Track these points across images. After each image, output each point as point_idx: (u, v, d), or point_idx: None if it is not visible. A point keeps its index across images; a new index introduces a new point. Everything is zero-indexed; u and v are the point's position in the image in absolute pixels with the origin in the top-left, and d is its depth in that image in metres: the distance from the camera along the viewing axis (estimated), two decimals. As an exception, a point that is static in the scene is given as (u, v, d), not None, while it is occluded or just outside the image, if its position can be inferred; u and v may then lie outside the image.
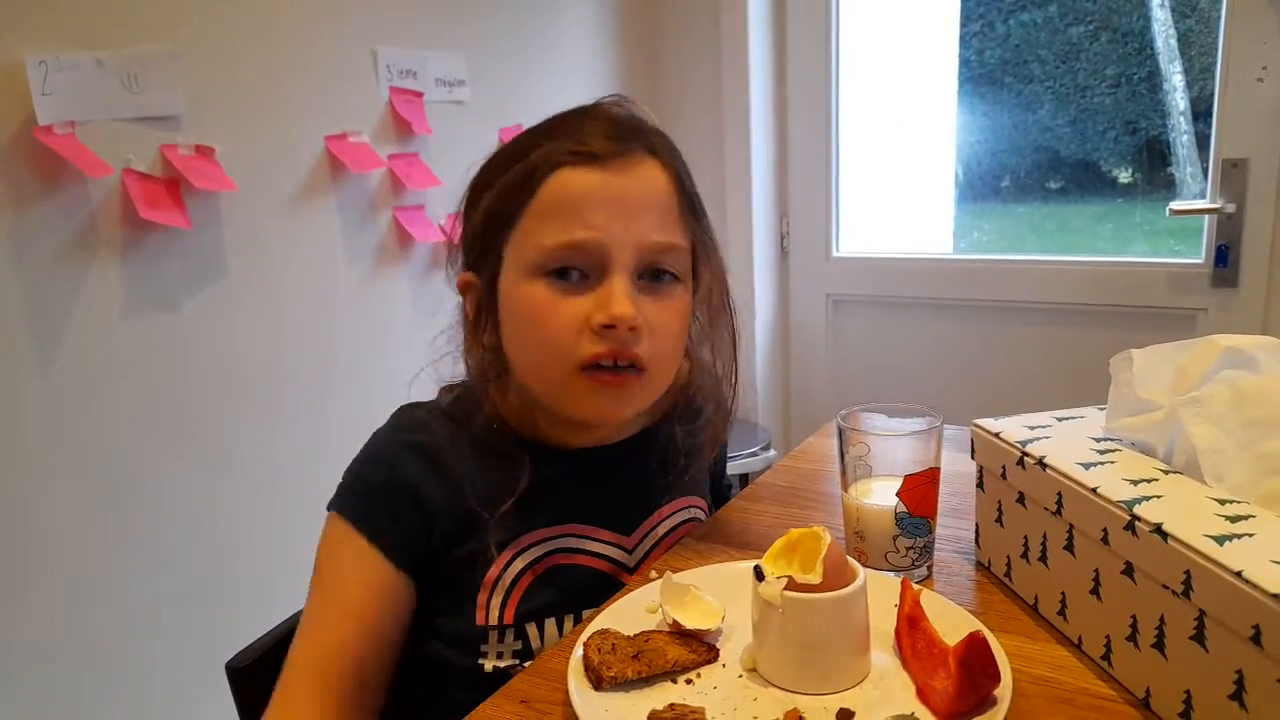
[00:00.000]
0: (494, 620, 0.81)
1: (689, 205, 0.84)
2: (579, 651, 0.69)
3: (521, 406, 0.86)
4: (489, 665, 0.81)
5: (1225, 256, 1.97)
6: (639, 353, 0.79)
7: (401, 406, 0.89)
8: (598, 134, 0.79)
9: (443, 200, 1.79)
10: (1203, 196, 2.01)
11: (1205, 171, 2.02)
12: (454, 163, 1.87)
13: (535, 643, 0.82)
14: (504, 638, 0.81)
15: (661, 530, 0.93)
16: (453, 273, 0.89)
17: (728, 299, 0.91)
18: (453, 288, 0.89)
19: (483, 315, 0.84)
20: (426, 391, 0.90)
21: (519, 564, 0.83)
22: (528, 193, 0.78)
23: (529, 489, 0.82)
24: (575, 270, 0.78)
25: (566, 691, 0.65)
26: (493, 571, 0.82)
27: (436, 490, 0.81)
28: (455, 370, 0.89)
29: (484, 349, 0.85)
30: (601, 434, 0.89)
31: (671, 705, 0.63)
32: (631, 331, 0.77)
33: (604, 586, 0.86)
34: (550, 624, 0.83)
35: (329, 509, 0.82)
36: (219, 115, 1.43)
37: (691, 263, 0.85)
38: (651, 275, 0.81)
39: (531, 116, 0.85)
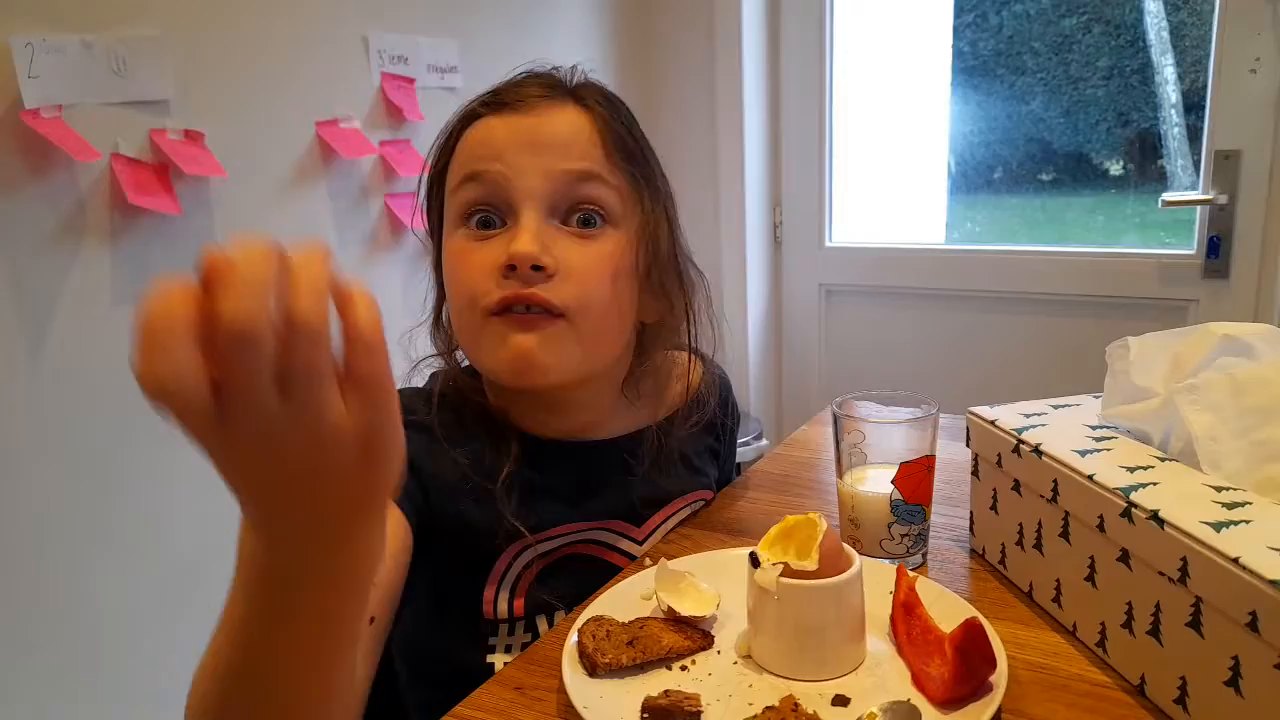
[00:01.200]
0: (503, 613, 0.80)
1: (618, 143, 0.79)
2: (573, 638, 0.69)
3: (492, 390, 0.84)
4: (499, 662, 0.79)
5: (1217, 248, 1.97)
6: (548, 296, 0.74)
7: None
8: (516, 85, 0.80)
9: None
10: (1194, 189, 2.02)
11: (1196, 164, 2.02)
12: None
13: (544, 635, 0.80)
14: (514, 630, 0.80)
15: (672, 523, 0.92)
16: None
17: (676, 243, 0.84)
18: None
19: (436, 285, 0.85)
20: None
21: (527, 555, 0.80)
22: (449, 149, 0.80)
23: (529, 482, 0.80)
24: (485, 212, 0.76)
25: (561, 678, 0.65)
26: (500, 564, 0.80)
27: (437, 467, 0.77)
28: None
29: (438, 317, 0.86)
30: (585, 426, 0.86)
31: (666, 692, 0.63)
32: (539, 271, 0.73)
33: (613, 577, 0.84)
34: (560, 617, 0.81)
35: None
36: (208, 100, 1.41)
37: (629, 205, 0.80)
38: (580, 221, 0.77)
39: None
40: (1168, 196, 2.02)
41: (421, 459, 0.77)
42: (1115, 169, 2.35)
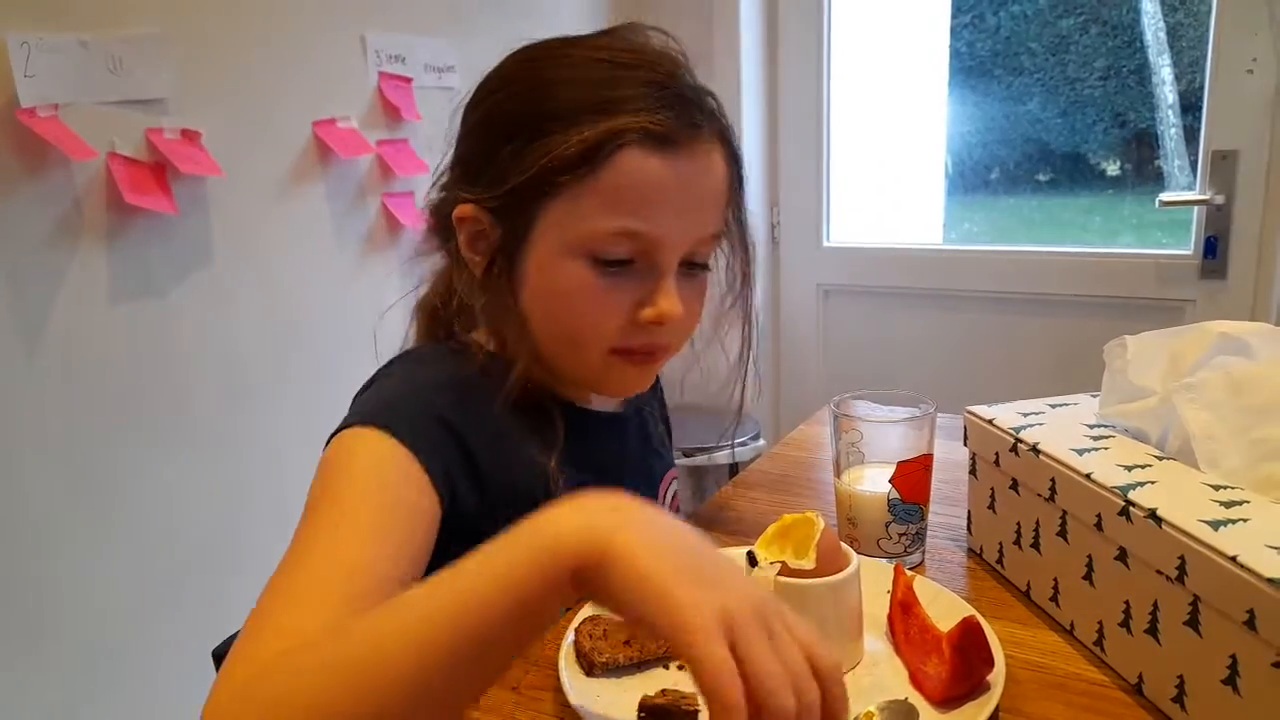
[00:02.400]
0: None
1: (738, 186, 0.82)
2: (570, 637, 0.69)
3: (535, 363, 0.81)
4: None
5: (1214, 248, 1.97)
6: (669, 341, 0.79)
7: (411, 352, 0.85)
8: (663, 106, 0.72)
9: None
10: (1190, 189, 2.02)
11: (1193, 164, 2.02)
12: (443, 149, 1.86)
13: None
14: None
15: (666, 500, 0.94)
16: (435, 197, 0.83)
17: (751, 278, 0.89)
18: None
19: (496, 268, 0.77)
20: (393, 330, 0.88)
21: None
22: (590, 167, 0.71)
23: (573, 454, 0.78)
24: (625, 256, 0.74)
25: (558, 678, 0.65)
26: None
27: (478, 440, 0.74)
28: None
29: (500, 296, 0.78)
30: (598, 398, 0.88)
31: (664, 691, 0.63)
32: (672, 324, 0.77)
33: None
34: None
35: (354, 424, 0.71)
36: (205, 99, 1.41)
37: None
38: (688, 264, 0.78)
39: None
40: (1165, 197, 2.03)
41: (466, 428, 0.74)
42: (1112, 169, 2.35)
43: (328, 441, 0.72)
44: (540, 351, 0.79)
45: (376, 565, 0.61)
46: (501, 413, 0.76)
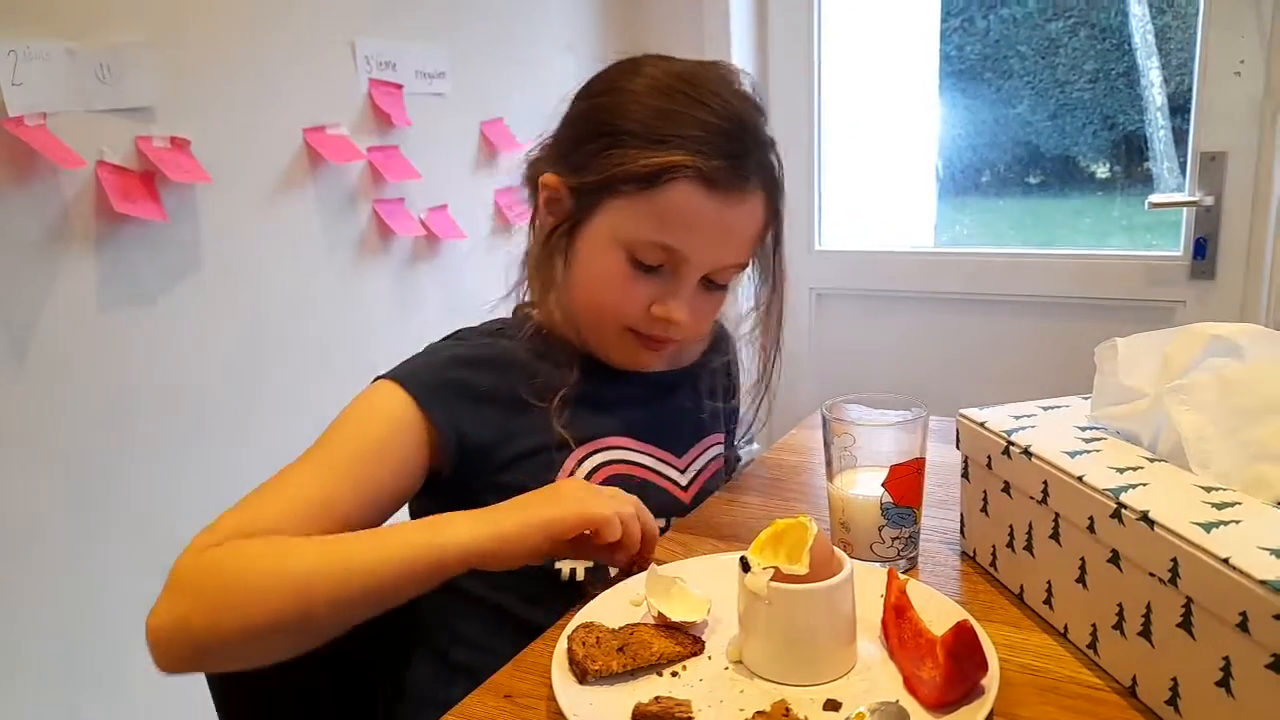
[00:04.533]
0: None
1: (774, 229, 0.96)
2: (563, 645, 0.68)
3: (563, 323, 0.96)
4: (565, 569, 0.88)
5: (1203, 249, 1.98)
6: (674, 337, 0.92)
7: (457, 331, 0.98)
8: (720, 155, 0.85)
9: (423, 193, 1.78)
10: (1179, 191, 2.03)
11: (1182, 166, 2.03)
12: (434, 155, 1.85)
13: None
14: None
15: (704, 459, 1.04)
16: (535, 156, 0.97)
17: (780, 312, 1.03)
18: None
19: (558, 235, 0.91)
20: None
21: (586, 467, 0.92)
22: (647, 186, 0.85)
23: (588, 397, 0.92)
24: (656, 263, 0.88)
25: (550, 685, 0.65)
26: (561, 476, 0.89)
27: (491, 384, 0.89)
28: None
29: (550, 258, 0.92)
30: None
31: (657, 698, 0.62)
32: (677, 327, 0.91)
33: (667, 504, 0.96)
34: None
35: (379, 378, 0.87)
36: (194, 107, 1.41)
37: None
38: (708, 281, 0.91)
39: (513, 109, 0.85)
40: (1154, 198, 2.03)
41: (482, 381, 0.89)
42: (1102, 172, 2.36)
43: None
44: (566, 309, 0.94)
45: (336, 503, 0.78)
46: (518, 363, 0.91)
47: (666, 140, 0.85)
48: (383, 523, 0.83)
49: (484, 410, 0.88)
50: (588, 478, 0.91)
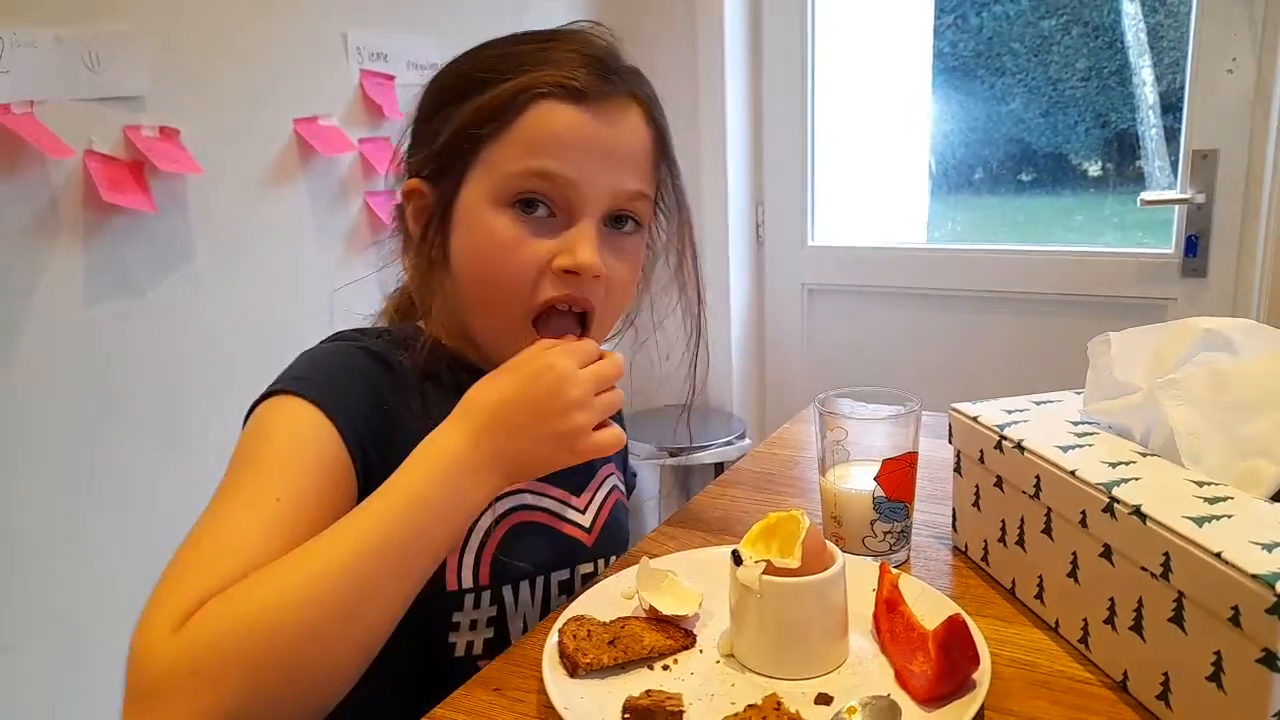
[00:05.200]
0: (468, 582, 0.77)
1: (663, 154, 0.83)
2: (554, 638, 0.68)
3: (456, 339, 0.83)
4: (460, 643, 0.77)
5: (1195, 246, 1.98)
6: (595, 303, 0.78)
7: (337, 331, 0.84)
8: (580, 67, 0.76)
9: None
10: (1171, 189, 2.03)
11: (1173, 164, 2.04)
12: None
13: (510, 608, 0.79)
14: (479, 602, 0.78)
15: (602, 494, 0.92)
16: (393, 179, 0.86)
17: (693, 249, 0.88)
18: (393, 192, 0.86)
19: (431, 231, 0.79)
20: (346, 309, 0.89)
21: (486, 519, 0.79)
22: (504, 119, 0.75)
23: None
24: (542, 204, 0.76)
25: (541, 679, 0.64)
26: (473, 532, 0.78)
27: (394, 402, 0.76)
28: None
29: (430, 265, 0.80)
30: None
31: (648, 692, 0.62)
32: (593, 279, 0.76)
33: (571, 551, 0.85)
34: (525, 588, 0.80)
35: (273, 393, 0.74)
36: (184, 96, 1.39)
37: (652, 208, 0.84)
38: (613, 221, 0.79)
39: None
40: (1146, 195, 2.04)
41: (382, 386, 0.77)
42: (1094, 169, 2.37)
43: (247, 413, 0.75)
44: (465, 320, 0.81)
45: (297, 530, 0.64)
46: (414, 384, 0.78)
47: (518, 70, 0.75)
48: None
49: (383, 433, 0.74)
50: (490, 530, 0.80)
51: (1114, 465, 0.67)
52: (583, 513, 0.89)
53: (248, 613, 0.56)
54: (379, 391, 0.76)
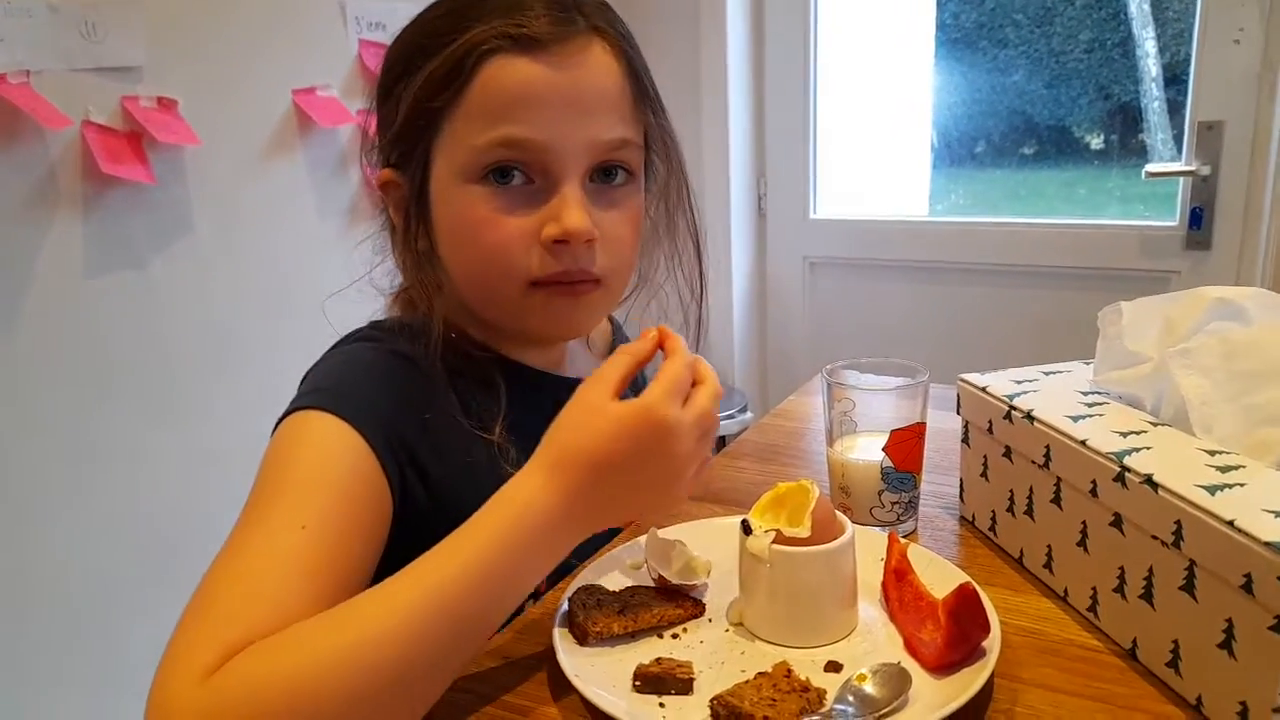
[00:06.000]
0: None
1: (641, 91, 0.75)
2: (563, 607, 0.68)
3: (466, 323, 0.78)
4: None
5: (1199, 219, 1.98)
6: (595, 269, 0.73)
7: (357, 329, 0.80)
8: (530, 8, 0.69)
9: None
10: (1174, 162, 2.02)
11: (1176, 138, 2.02)
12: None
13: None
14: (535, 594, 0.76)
15: None
16: (371, 167, 0.80)
17: (688, 195, 0.83)
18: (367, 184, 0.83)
19: (411, 220, 0.74)
20: (350, 311, 0.84)
21: None
22: (457, 85, 0.68)
23: (518, 416, 0.74)
24: (517, 171, 0.70)
25: (551, 647, 0.64)
26: None
27: (429, 405, 0.71)
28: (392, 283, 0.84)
29: (419, 257, 0.75)
30: (558, 359, 0.85)
31: (658, 660, 0.62)
32: (586, 245, 0.71)
33: (608, 535, 0.82)
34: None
35: (303, 407, 0.68)
36: (181, 67, 1.38)
37: (644, 155, 0.78)
38: (602, 175, 0.73)
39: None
40: (1151, 168, 2.03)
41: (415, 391, 0.72)
42: (1096, 142, 2.35)
43: (276, 424, 0.69)
44: (466, 302, 0.76)
45: (327, 562, 0.59)
46: (444, 384, 0.73)
47: (460, 28, 0.68)
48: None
49: (417, 448, 0.70)
50: None
51: (1125, 435, 0.66)
52: None
53: (287, 671, 0.50)
54: (411, 397, 0.71)
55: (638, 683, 0.60)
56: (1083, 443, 0.67)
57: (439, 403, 0.72)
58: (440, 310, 0.75)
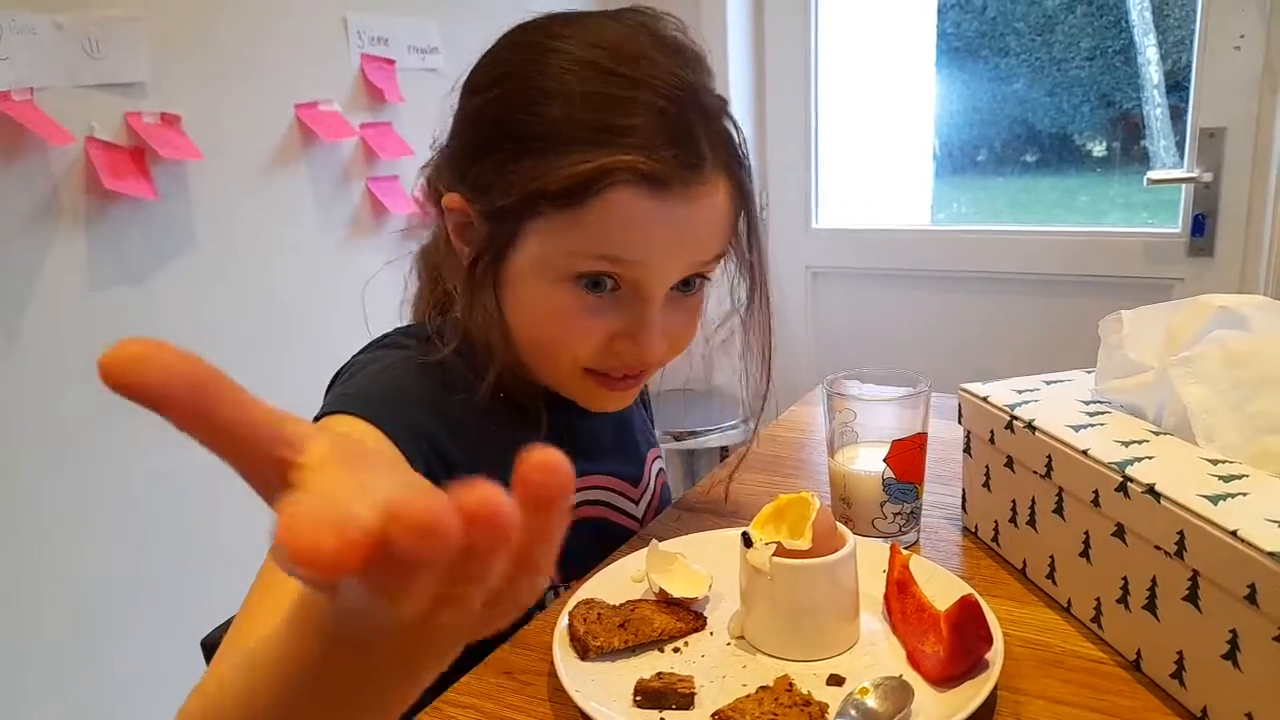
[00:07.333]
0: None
1: (745, 209, 0.76)
2: (564, 621, 0.68)
3: (505, 361, 0.77)
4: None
5: (1202, 226, 1.97)
6: (651, 368, 0.77)
7: (384, 335, 0.82)
8: (664, 146, 0.66)
9: (417, 170, 1.76)
10: (1176, 169, 2.02)
11: (1178, 145, 2.02)
12: (427, 132, 1.83)
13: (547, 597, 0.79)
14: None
15: (652, 478, 0.94)
16: (431, 170, 0.79)
17: (765, 296, 0.83)
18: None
19: (481, 268, 0.73)
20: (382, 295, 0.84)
21: None
22: (576, 199, 0.67)
23: (556, 434, 0.76)
24: (609, 279, 0.70)
25: (551, 662, 0.64)
26: None
27: (458, 437, 0.72)
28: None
29: (482, 296, 0.74)
30: None
31: (659, 674, 0.62)
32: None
33: (619, 538, 0.86)
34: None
35: (341, 412, 0.68)
36: (185, 82, 1.38)
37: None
38: (682, 285, 0.74)
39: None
40: (1153, 175, 2.02)
41: (461, 430, 0.73)
42: (1098, 150, 2.35)
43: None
44: (518, 354, 0.76)
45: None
46: (480, 404, 0.74)
47: (593, 141, 0.66)
48: None
49: (449, 464, 0.71)
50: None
51: (1127, 444, 0.66)
52: (636, 503, 0.90)
53: None
54: (444, 408, 0.72)
55: (639, 697, 0.60)
56: (1084, 452, 0.66)
57: (472, 416, 0.74)
58: (503, 352, 0.75)
